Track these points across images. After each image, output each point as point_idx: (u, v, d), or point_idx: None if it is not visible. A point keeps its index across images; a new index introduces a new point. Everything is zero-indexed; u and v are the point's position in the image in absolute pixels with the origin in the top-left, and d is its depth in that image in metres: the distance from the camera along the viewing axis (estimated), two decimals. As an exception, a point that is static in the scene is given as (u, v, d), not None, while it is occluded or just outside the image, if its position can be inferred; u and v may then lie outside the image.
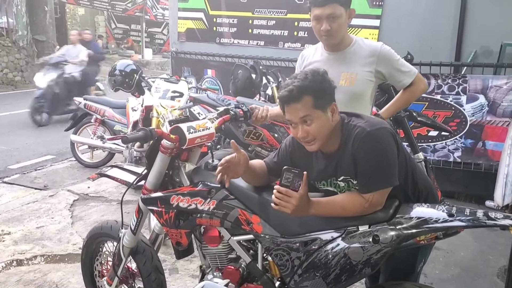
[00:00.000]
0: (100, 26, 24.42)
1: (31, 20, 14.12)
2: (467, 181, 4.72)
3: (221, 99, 4.98)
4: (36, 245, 3.82)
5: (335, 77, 2.44)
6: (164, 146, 2.13)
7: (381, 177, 1.75)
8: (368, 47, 2.55)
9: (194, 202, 2.09)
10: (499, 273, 3.44)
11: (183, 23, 6.74)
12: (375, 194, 1.75)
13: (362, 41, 2.59)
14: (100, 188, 5.22)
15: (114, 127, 5.69)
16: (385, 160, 1.75)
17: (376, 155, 1.74)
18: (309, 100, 1.80)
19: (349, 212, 1.80)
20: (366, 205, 1.76)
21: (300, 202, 1.74)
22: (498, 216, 1.63)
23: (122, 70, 4.88)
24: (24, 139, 7.46)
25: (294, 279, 1.87)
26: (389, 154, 1.76)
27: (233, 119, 2.43)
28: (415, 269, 2.05)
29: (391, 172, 1.76)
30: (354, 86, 2.51)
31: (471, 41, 4.87)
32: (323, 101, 1.82)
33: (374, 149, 1.74)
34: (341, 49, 2.55)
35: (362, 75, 2.52)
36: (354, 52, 2.54)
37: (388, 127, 1.80)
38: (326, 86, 1.85)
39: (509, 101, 4.46)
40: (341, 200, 1.84)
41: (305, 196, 1.76)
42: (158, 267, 2.48)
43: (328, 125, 1.83)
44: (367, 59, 2.52)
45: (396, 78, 2.59)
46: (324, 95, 1.83)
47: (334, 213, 1.83)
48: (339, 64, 2.54)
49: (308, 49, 2.75)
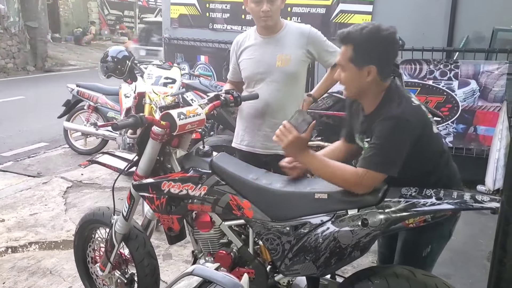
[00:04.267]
0: (92, 12, 24.15)
1: (22, 7, 13.95)
2: (459, 166, 4.66)
3: (214, 85, 4.97)
4: (29, 232, 3.84)
5: (271, 59, 2.72)
6: (155, 132, 2.13)
7: (380, 160, 1.78)
8: (298, 29, 2.78)
9: (185, 188, 2.09)
10: (489, 256, 3.48)
11: (176, 9, 6.69)
12: (368, 173, 1.78)
13: (292, 24, 2.83)
14: (94, 175, 5.22)
15: (107, 113, 5.67)
16: (391, 147, 1.79)
17: (386, 139, 1.79)
18: (349, 50, 1.85)
19: (337, 179, 1.84)
20: (355, 179, 1.79)
21: (295, 141, 1.86)
22: (485, 199, 1.66)
23: (114, 57, 4.83)
24: (17, 126, 7.43)
25: (284, 263, 1.90)
26: (398, 144, 1.79)
27: (224, 104, 2.43)
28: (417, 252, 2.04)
29: (391, 161, 1.79)
30: (289, 66, 2.72)
31: (463, 27, 4.87)
32: (360, 59, 1.84)
33: (388, 133, 1.78)
34: (274, 32, 2.76)
35: (296, 55, 2.73)
36: (286, 35, 2.75)
37: (412, 122, 1.79)
38: (373, 47, 1.83)
39: (500, 86, 4.47)
40: (335, 165, 1.88)
41: (302, 140, 1.88)
42: (151, 252, 2.50)
43: (358, 82, 1.88)
44: (299, 40, 2.74)
45: (324, 57, 2.80)
46: (364, 54, 1.83)
47: (323, 173, 1.89)
48: (274, 46, 2.74)
49: (240, 35, 2.93)
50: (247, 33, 2.89)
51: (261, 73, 2.76)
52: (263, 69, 2.75)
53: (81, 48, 20.23)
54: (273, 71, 2.73)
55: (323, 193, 1.84)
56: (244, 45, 2.84)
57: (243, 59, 2.83)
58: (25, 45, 13.91)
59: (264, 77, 2.76)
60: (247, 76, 2.84)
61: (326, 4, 5.49)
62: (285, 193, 1.93)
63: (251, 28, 2.91)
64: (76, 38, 21.22)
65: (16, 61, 13.71)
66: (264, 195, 1.95)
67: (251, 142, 2.88)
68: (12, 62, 13.60)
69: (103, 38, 23.15)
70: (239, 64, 2.87)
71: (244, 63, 2.83)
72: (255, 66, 2.77)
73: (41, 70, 14.35)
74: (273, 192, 1.94)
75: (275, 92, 2.75)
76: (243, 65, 2.84)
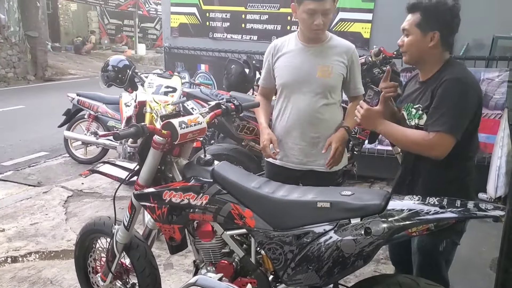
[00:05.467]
0: (93, 22, 24.28)
1: (23, 16, 14.01)
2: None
3: (214, 94, 4.96)
4: (30, 241, 3.82)
5: (312, 69, 2.61)
6: (156, 141, 2.12)
7: (449, 121, 1.91)
8: (344, 44, 2.69)
9: (186, 197, 2.09)
10: (492, 264, 3.47)
11: (176, 18, 6.71)
12: (437, 135, 1.93)
13: (337, 37, 2.72)
14: (94, 184, 5.21)
15: (108, 123, 5.67)
16: (458, 108, 1.91)
17: (452, 99, 1.93)
18: (416, 16, 2.04)
19: (409, 142, 2.04)
20: (426, 139, 1.95)
21: (368, 113, 2.10)
22: (488, 207, 1.64)
23: (115, 66, 4.86)
24: (17, 136, 7.42)
25: (287, 273, 1.88)
26: (464, 105, 1.93)
27: (225, 113, 2.42)
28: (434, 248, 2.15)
29: (459, 123, 1.92)
30: (330, 78, 2.63)
31: (463, 34, 4.83)
32: (426, 24, 2.02)
33: (453, 93, 1.91)
34: (319, 42, 2.64)
35: (337, 68, 2.63)
36: (330, 47, 2.65)
37: (477, 89, 2.00)
38: (439, 14, 2.01)
39: (501, 93, 4.47)
40: (408, 130, 2.08)
41: (375, 111, 2.10)
42: (152, 262, 2.49)
43: (421, 47, 2.05)
44: (342, 55, 2.64)
45: (353, 83, 2.73)
46: (431, 19, 2.01)
47: (396, 137, 2.11)
48: (315, 56, 2.63)
49: (279, 39, 2.81)
50: (287, 38, 2.75)
51: (299, 82, 2.64)
52: (302, 78, 2.63)
53: (81, 58, 20.32)
54: (312, 81, 2.62)
55: (326, 202, 1.83)
56: (282, 50, 2.71)
57: (280, 65, 2.71)
58: (25, 55, 13.94)
59: (301, 86, 2.64)
60: (282, 83, 2.71)
61: (326, 12, 5.49)
62: (287, 202, 1.91)
63: (291, 33, 2.77)
64: (76, 48, 21.32)
65: (16, 70, 13.73)
66: (266, 204, 1.94)
67: (285, 156, 2.75)
68: (12, 71, 13.63)
69: (103, 48, 23.24)
70: (274, 69, 2.75)
71: (280, 70, 2.71)
72: (294, 73, 2.65)
73: (41, 80, 14.38)
74: (275, 201, 1.93)
75: (313, 103, 2.64)
76: (279, 71, 2.72)
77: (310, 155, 2.71)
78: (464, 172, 2.14)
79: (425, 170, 2.13)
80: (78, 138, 5.99)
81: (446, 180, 2.08)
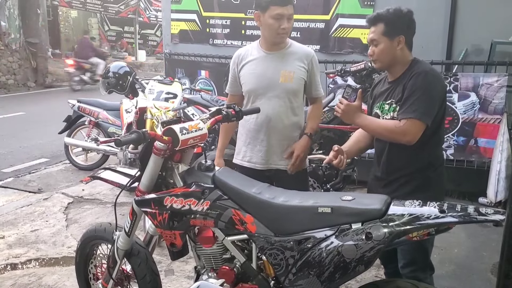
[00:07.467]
0: (93, 29, 24.30)
1: (23, 23, 14.07)
2: (460, 179, 4.74)
3: (215, 100, 4.98)
4: (30, 248, 3.82)
5: (275, 74, 2.76)
6: (157, 147, 2.13)
7: (418, 108, 2.12)
8: (304, 50, 2.85)
9: (187, 203, 2.09)
10: (493, 269, 3.46)
11: (176, 25, 6.73)
12: (408, 121, 2.13)
13: (296, 43, 2.88)
14: (95, 190, 5.21)
15: (108, 129, 5.68)
16: (427, 97, 2.13)
17: (422, 89, 2.13)
18: (381, 27, 2.25)
19: (383, 130, 2.25)
20: (397, 126, 2.15)
21: (347, 109, 2.31)
22: (488, 212, 1.65)
23: (115, 72, 4.87)
24: (17, 142, 7.44)
25: (288, 278, 1.88)
26: (433, 94, 2.15)
27: (226, 119, 2.42)
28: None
29: (428, 110, 2.13)
30: (293, 83, 2.77)
31: (462, 40, 4.89)
32: (391, 31, 2.24)
33: (423, 84, 2.14)
34: (280, 49, 2.80)
35: (298, 73, 2.78)
36: (291, 53, 2.80)
37: (441, 80, 2.29)
38: (400, 20, 2.26)
39: (500, 98, 4.48)
40: (382, 121, 2.31)
41: (353, 106, 2.32)
42: (153, 268, 2.48)
43: (391, 51, 2.26)
44: (303, 60, 2.79)
45: (314, 85, 2.88)
46: (395, 26, 2.24)
47: (372, 128, 2.32)
48: (277, 62, 2.78)
49: (242, 49, 2.94)
50: (250, 47, 2.90)
51: (263, 87, 2.78)
52: (266, 84, 2.77)
53: (82, 64, 20.29)
54: (276, 86, 2.75)
55: (327, 207, 1.83)
56: (246, 59, 2.84)
57: (245, 73, 2.84)
58: (25, 62, 13.97)
59: (266, 92, 2.77)
60: (248, 90, 2.84)
61: (325, 19, 5.51)
62: (288, 207, 1.91)
63: (251, 42, 2.93)
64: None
65: (16, 77, 13.77)
66: (267, 210, 1.94)
67: (253, 158, 2.88)
68: (12, 78, 13.67)
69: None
70: (240, 77, 2.88)
71: (245, 77, 2.84)
72: (258, 80, 2.79)
73: (41, 86, 14.42)
74: (276, 206, 1.93)
75: (277, 107, 2.77)
76: (244, 79, 2.85)
77: (276, 155, 2.85)
78: (438, 160, 2.35)
79: (397, 156, 2.30)
80: (79, 144, 6.00)
81: (421, 166, 2.27)
